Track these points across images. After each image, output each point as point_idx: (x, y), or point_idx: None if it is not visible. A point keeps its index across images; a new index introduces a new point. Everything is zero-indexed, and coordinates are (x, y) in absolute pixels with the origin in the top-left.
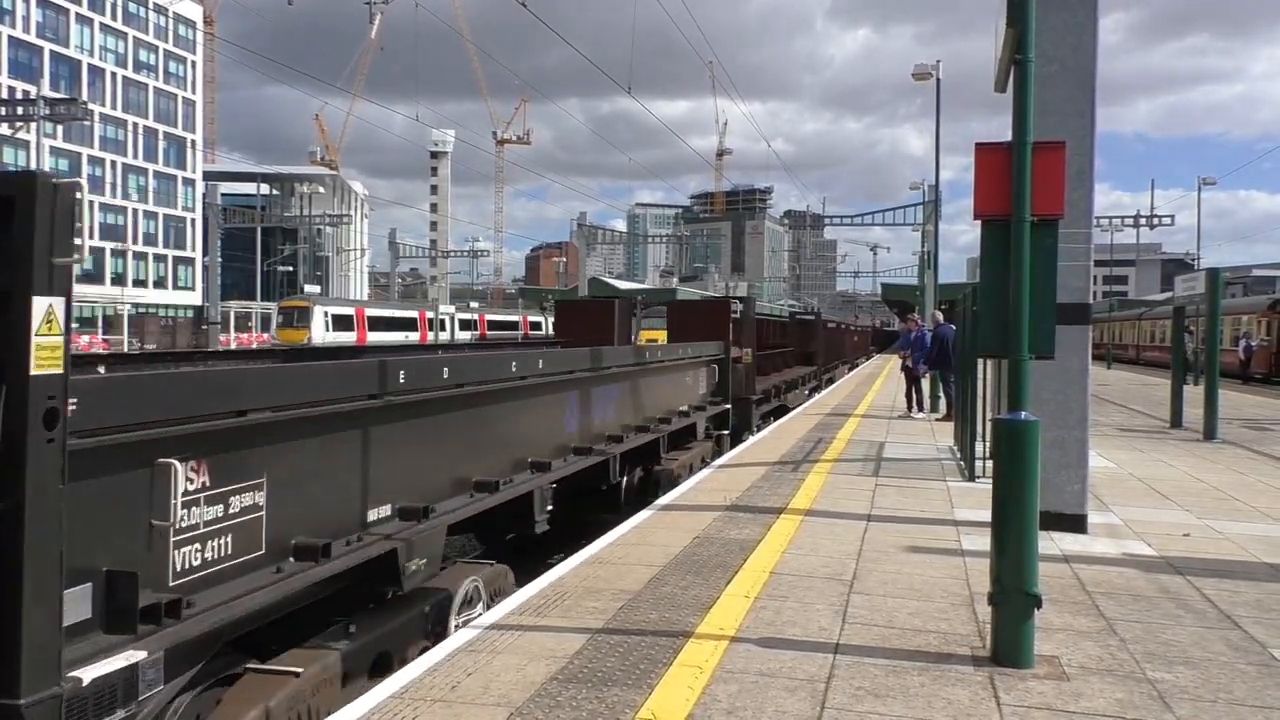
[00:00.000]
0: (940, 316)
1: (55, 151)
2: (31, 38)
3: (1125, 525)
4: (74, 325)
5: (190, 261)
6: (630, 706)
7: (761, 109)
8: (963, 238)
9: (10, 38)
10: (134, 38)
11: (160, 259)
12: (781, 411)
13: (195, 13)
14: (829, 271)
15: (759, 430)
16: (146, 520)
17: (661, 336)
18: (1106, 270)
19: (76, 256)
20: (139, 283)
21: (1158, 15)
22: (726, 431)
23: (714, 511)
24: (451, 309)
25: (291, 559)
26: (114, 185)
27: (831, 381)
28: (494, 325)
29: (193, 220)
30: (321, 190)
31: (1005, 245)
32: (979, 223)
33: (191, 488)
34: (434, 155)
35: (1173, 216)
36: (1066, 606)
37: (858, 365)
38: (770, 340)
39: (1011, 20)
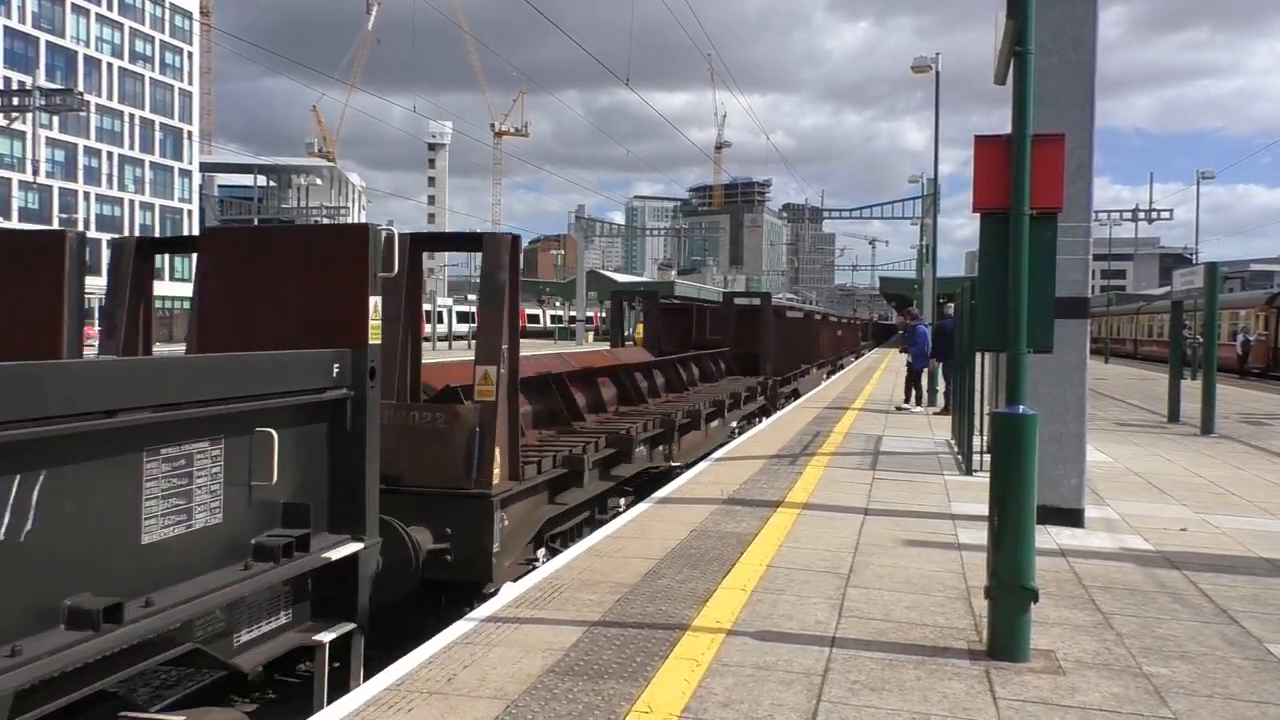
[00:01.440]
0: (948, 309)
1: (51, 143)
2: (27, 28)
3: (1122, 520)
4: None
5: None
6: (626, 699)
7: (761, 102)
8: (961, 231)
9: (6, 28)
10: (130, 28)
11: None
12: (652, 487)
13: (192, 3)
14: (827, 265)
15: (495, 592)
16: None
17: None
18: (1104, 264)
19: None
20: None
21: (1157, 9)
22: (351, 627)
23: (711, 505)
24: (449, 301)
25: None
26: (110, 177)
27: (798, 394)
28: None
29: (190, 211)
30: (319, 182)
31: (1004, 238)
32: (978, 216)
33: None
34: (432, 147)
35: (1171, 211)
36: (1063, 601)
37: (843, 367)
38: (706, 339)
39: (1012, 12)
